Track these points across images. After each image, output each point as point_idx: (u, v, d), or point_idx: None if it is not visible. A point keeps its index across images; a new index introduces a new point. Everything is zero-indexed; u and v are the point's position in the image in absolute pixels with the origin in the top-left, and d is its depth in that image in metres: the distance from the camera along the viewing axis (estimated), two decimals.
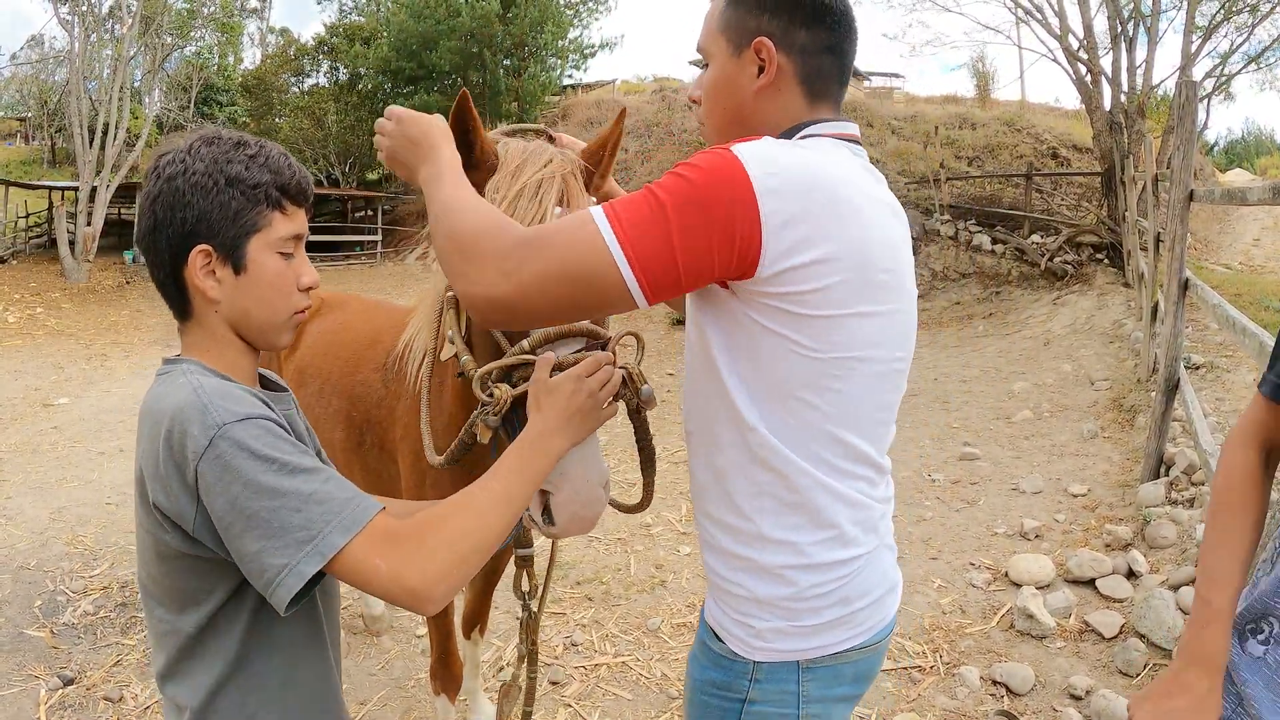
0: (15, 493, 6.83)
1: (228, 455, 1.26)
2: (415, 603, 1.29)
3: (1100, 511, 5.86)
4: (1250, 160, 43.98)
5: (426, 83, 32.45)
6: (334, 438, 3.08)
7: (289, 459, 1.29)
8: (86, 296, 21.88)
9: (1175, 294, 5.82)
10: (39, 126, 46.22)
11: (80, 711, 3.83)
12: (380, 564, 1.27)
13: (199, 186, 1.40)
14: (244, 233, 1.43)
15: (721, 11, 1.51)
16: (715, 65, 1.53)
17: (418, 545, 1.30)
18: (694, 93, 1.61)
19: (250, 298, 1.46)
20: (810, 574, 1.46)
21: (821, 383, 1.38)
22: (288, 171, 1.48)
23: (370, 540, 1.28)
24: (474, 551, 1.34)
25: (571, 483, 1.58)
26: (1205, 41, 16.23)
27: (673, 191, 1.29)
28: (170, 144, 1.48)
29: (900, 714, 3.75)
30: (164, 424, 1.31)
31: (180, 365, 1.44)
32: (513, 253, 1.30)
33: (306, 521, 1.26)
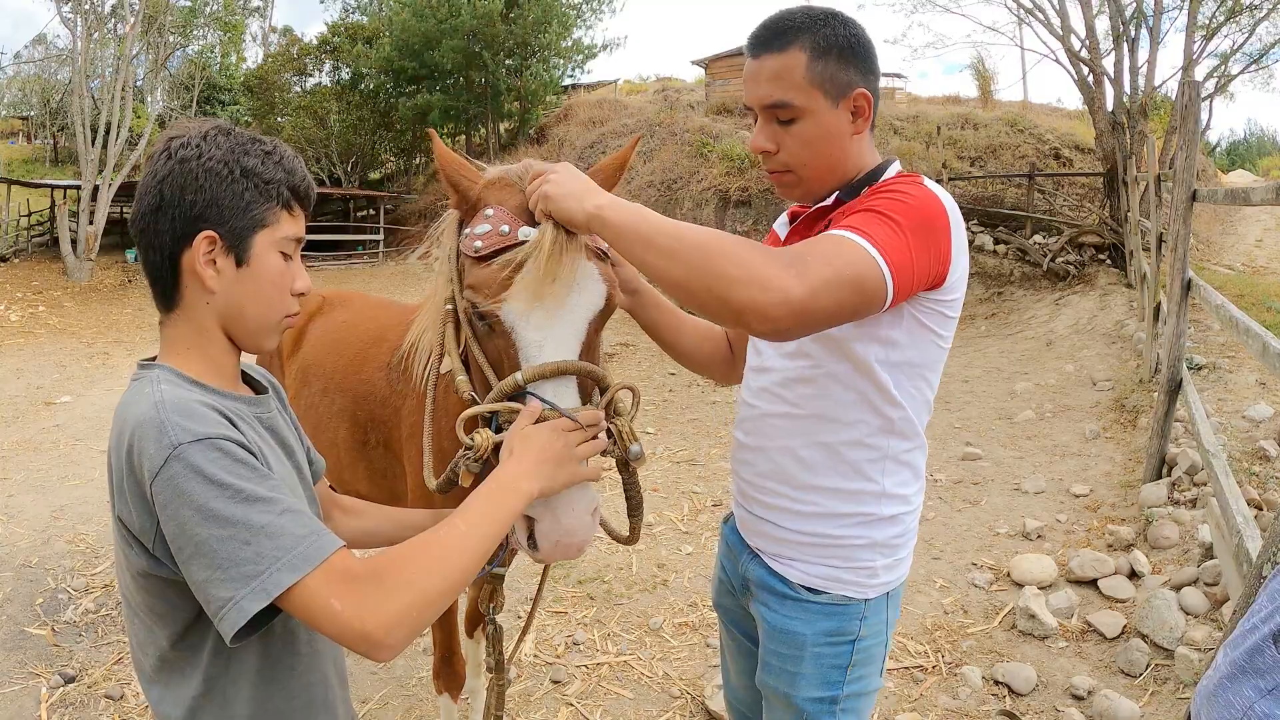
0: (17, 491, 6.83)
1: (180, 478, 1.21)
2: (369, 649, 1.23)
3: (1102, 512, 5.86)
4: (1252, 161, 43.98)
5: (429, 82, 32.48)
6: (338, 436, 3.08)
7: (244, 486, 1.23)
8: (89, 295, 21.89)
9: (1178, 294, 5.81)
10: (41, 125, 46.23)
11: (81, 709, 3.83)
12: (336, 605, 1.21)
13: (213, 172, 1.37)
14: (252, 226, 1.41)
15: (809, 66, 1.65)
16: (813, 119, 1.67)
17: (376, 586, 1.24)
18: (766, 144, 1.72)
19: (248, 293, 1.43)
20: (911, 515, 1.85)
21: (938, 367, 1.77)
22: (299, 174, 1.48)
23: (327, 579, 1.22)
24: (437, 595, 1.29)
25: (555, 511, 1.58)
26: (1208, 42, 16.21)
27: (903, 215, 1.51)
28: (181, 127, 1.44)
29: (902, 714, 3.75)
30: (126, 436, 1.29)
31: (151, 372, 1.40)
32: (795, 263, 1.40)
33: (255, 556, 1.20)
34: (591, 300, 1.71)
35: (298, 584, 1.21)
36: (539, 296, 1.63)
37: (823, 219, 1.74)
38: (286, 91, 36.69)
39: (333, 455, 3.15)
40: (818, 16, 1.67)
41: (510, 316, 1.65)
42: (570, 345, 1.67)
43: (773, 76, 1.67)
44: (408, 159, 37.77)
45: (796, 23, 1.66)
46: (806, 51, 1.65)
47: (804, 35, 1.65)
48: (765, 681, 1.88)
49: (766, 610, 1.87)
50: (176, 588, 1.32)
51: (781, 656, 1.83)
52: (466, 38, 29.79)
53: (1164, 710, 3.64)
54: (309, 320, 3.57)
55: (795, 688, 1.81)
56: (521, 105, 32.70)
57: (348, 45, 34.62)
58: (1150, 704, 3.69)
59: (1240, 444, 5.94)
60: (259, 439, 1.43)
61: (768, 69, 1.68)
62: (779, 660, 1.83)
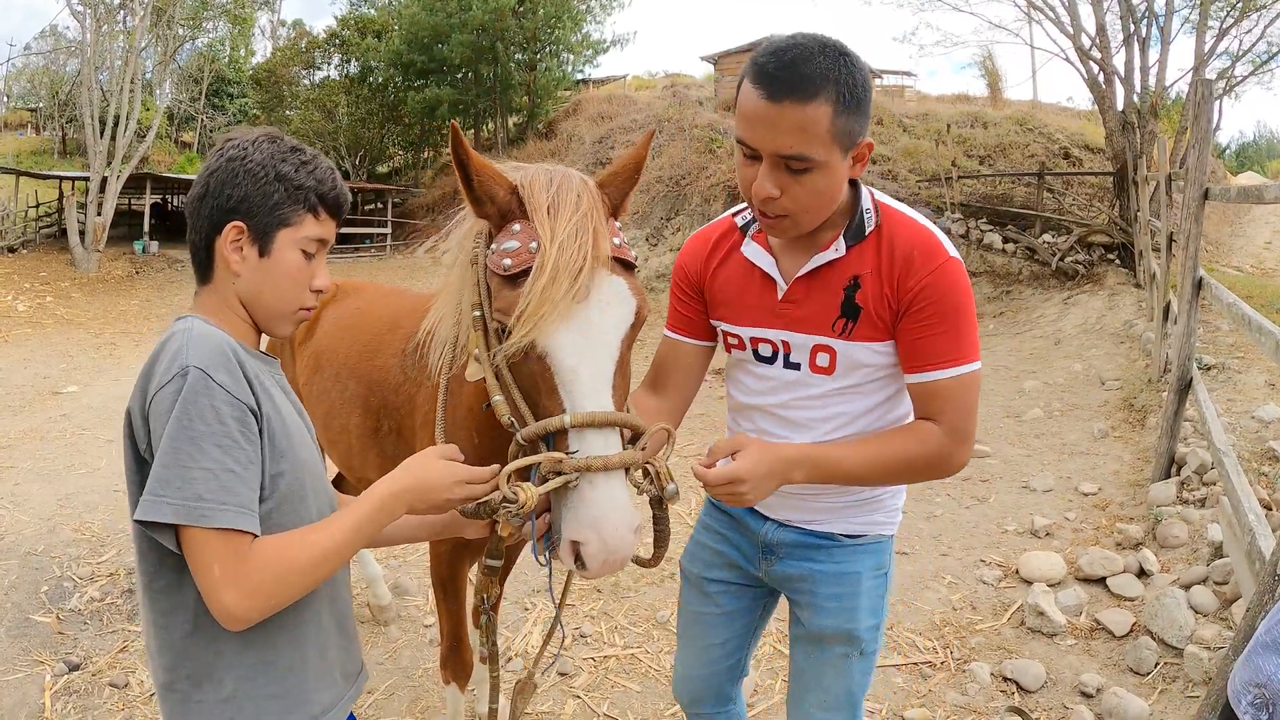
0: (23, 479, 6.84)
1: (178, 392, 1.40)
2: (222, 616, 1.40)
3: (1111, 510, 5.83)
4: (1261, 163, 43.82)
5: (437, 76, 32.49)
6: (350, 423, 3.06)
7: (207, 430, 1.40)
8: (96, 286, 21.94)
9: (1189, 293, 5.78)
10: (50, 117, 46.36)
11: (85, 697, 3.82)
12: (216, 570, 1.38)
13: (251, 173, 1.58)
14: (277, 223, 1.60)
15: (833, 121, 1.64)
16: (826, 171, 1.70)
17: (252, 571, 1.40)
18: (773, 191, 1.72)
19: (267, 280, 1.62)
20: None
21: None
22: (329, 183, 1.65)
23: (220, 545, 1.39)
24: (299, 591, 1.47)
25: (601, 533, 1.60)
26: (1219, 41, 16.13)
27: (972, 310, 1.85)
28: (238, 131, 1.68)
29: (911, 709, 3.73)
30: (153, 353, 1.50)
31: (185, 319, 1.58)
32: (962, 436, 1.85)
33: (182, 483, 1.38)
34: (622, 316, 1.71)
35: (190, 530, 1.39)
36: (570, 320, 1.65)
37: (840, 273, 1.87)
38: (295, 85, 36.79)
39: (344, 442, 3.14)
40: (840, 61, 1.63)
41: (544, 342, 1.66)
42: (606, 370, 1.68)
43: (796, 129, 1.64)
44: (416, 153, 37.83)
45: (823, 70, 1.61)
46: (832, 104, 1.63)
47: (830, 86, 1.62)
48: (822, 624, 2.09)
49: (813, 564, 2.10)
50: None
51: (840, 596, 2.07)
52: (476, 32, 29.79)
53: (1173, 708, 3.62)
54: (322, 307, 3.56)
55: (855, 620, 2.07)
56: (531, 100, 32.71)
57: (357, 39, 34.68)
58: (1159, 702, 3.67)
59: (1249, 444, 5.90)
60: (274, 391, 1.61)
61: (791, 120, 1.63)
62: (838, 601, 2.07)
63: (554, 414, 1.66)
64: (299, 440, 1.62)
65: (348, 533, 1.53)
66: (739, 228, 2.07)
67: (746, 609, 2.31)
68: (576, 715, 3.76)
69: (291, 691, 1.60)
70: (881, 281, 1.83)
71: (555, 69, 33.10)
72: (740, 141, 1.74)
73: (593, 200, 1.76)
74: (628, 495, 1.65)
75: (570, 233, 1.67)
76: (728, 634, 2.32)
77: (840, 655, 2.09)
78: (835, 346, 1.91)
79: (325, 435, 3.25)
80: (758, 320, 2.01)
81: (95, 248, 23.66)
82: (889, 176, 20.00)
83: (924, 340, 1.81)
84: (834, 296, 1.88)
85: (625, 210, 1.89)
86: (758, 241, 2.00)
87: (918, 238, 1.82)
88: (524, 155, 28.94)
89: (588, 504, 1.61)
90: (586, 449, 1.62)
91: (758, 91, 1.65)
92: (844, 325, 1.88)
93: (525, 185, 1.77)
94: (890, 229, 1.85)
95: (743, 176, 1.79)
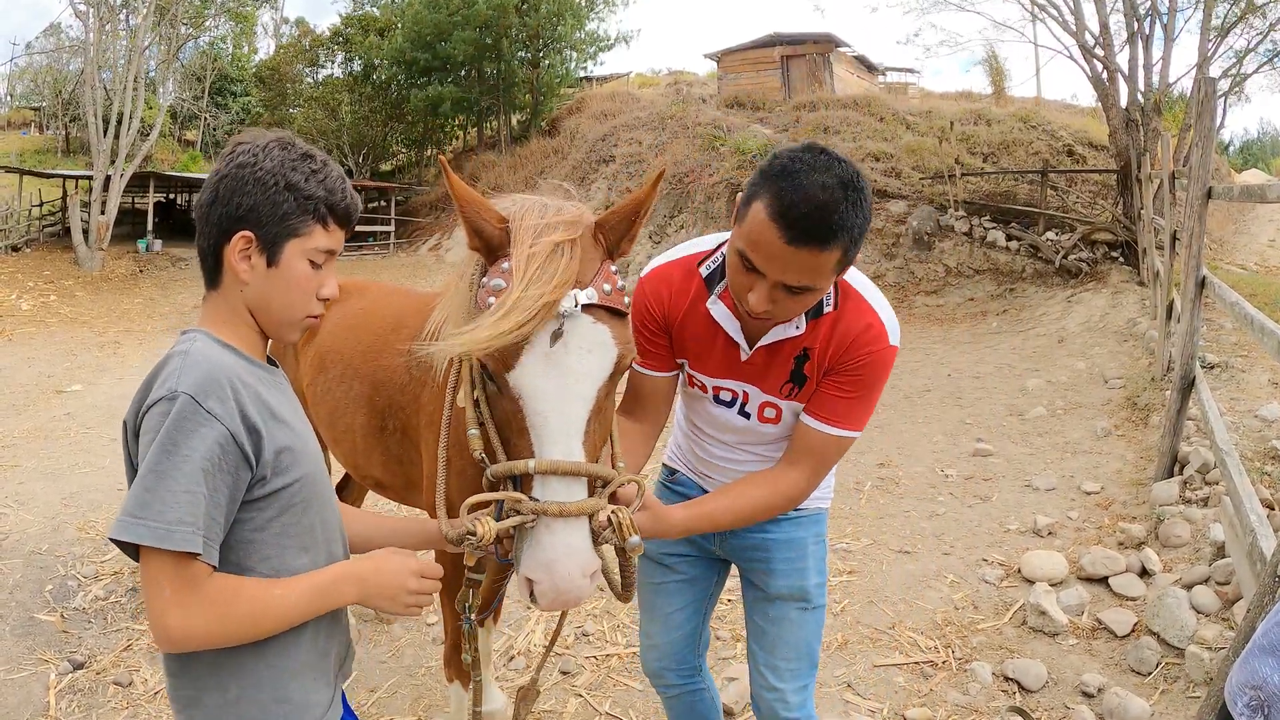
0: (27, 478, 6.86)
1: (165, 414, 1.41)
2: (160, 639, 1.43)
3: (1114, 510, 5.83)
4: (1265, 161, 43.77)
5: (440, 74, 32.47)
6: (355, 423, 3.07)
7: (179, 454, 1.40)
8: (100, 285, 21.98)
9: (1192, 291, 5.77)
10: (53, 116, 46.33)
11: (90, 695, 3.84)
12: (166, 591, 1.40)
13: (261, 181, 1.55)
14: (285, 234, 1.58)
15: (839, 262, 1.79)
16: (819, 293, 1.87)
17: (203, 605, 1.43)
18: (768, 307, 1.85)
19: (275, 289, 1.61)
20: None
21: None
22: (340, 194, 1.63)
23: (174, 569, 1.41)
24: (240, 638, 1.50)
25: (553, 576, 1.63)
26: (1222, 40, 16.10)
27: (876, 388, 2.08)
28: (250, 134, 1.64)
29: (912, 708, 3.74)
30: (147, 378, 1.51)
31: (190, 334, 1.59)
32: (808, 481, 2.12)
33: (147, 502, 1.39)
34: (600, 365, 1.70)
35: (147, 550, 1.40)
36: (547, 365, 1.65)
37: (794, 345, 2.05)
38: (298, 83, 36.80)
39: (349, 441, 3.15)
40: (856, 210, 1.72)
41: (518, 383, 1.67)
42: (578, 417, 1.68)
43: (808, 269, 1.76)
44: (419, 151, 37.83)
45: (841, 222, 1.71)
46: (843, 250, 1.76)
47: (844, 235, 1.73)
48: (779, 585, 2.38)
49: (767, 533, 2.37)
50: None
51: (791, 560, 2.38)
52: (480, 29, 29.77)
53: (1174, 709, 3.62)
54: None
55: (805, 578, 2.38)
56: (534, 97, 32.69)
57: (360, 36, 34.67)
58: (1160, 702, 3.67)
59: (1252, 443, 5.90)
60: (279, 406, 1.62)
61: (804, 262, 1.75)
62: (790, 564, 2.38)
63: (524, 455, 1.68)
64: (304, 452, 1.63)
65: (298, 596, 1.54)
66: (703, 279, 2.13)
67: (703, 575, 2.57)
68: (578, 714, 3.77)
69: (294, 696, 1.61)
70: (826, 354, 2.04)
71: (558, 66, 33.08)
72: (743, 256, 1.81)
73: (582, 243, 1.71)
74: (586, 540, 1.66)
75: (544, 276, 1.64)
76: (688, 598, 2.56)
77: (796, 610, 2.39)
78: (780, 405, 2.16)
79: (330, 434, 3.26)
80: (722, 373, 2.18)
81: (99, 246, 23.70)
82: (892, 174, 19.97)
83: (832, 397, 2.04)
84: (786, 364, 2.08)
85: (626, 251, 1.85)
86: (724, 302, 2.09)
87: (866, 324, 2.01)
88: (527, 153, 28.96)
89: (543, 546, 1.63)
90: (548, 494, 1.64)
91: (776, 230, 1.72)
92: (790, 389, 2.11)
93: (515, 220, 1.74)
94: (846, 312, 2.03)
95: (738, 282, 1.88)
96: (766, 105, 27.07)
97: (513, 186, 13.56)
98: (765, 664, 2.40)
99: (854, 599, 4.74)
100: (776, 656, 2.38)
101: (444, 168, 1.78)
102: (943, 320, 14.80)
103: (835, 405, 2.04)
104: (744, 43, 29.89)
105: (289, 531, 1.59)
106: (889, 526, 5.81)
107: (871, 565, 5.18)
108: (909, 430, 8.31)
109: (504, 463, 1.69)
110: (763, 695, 2.41)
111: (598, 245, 1.77)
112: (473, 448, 1.78)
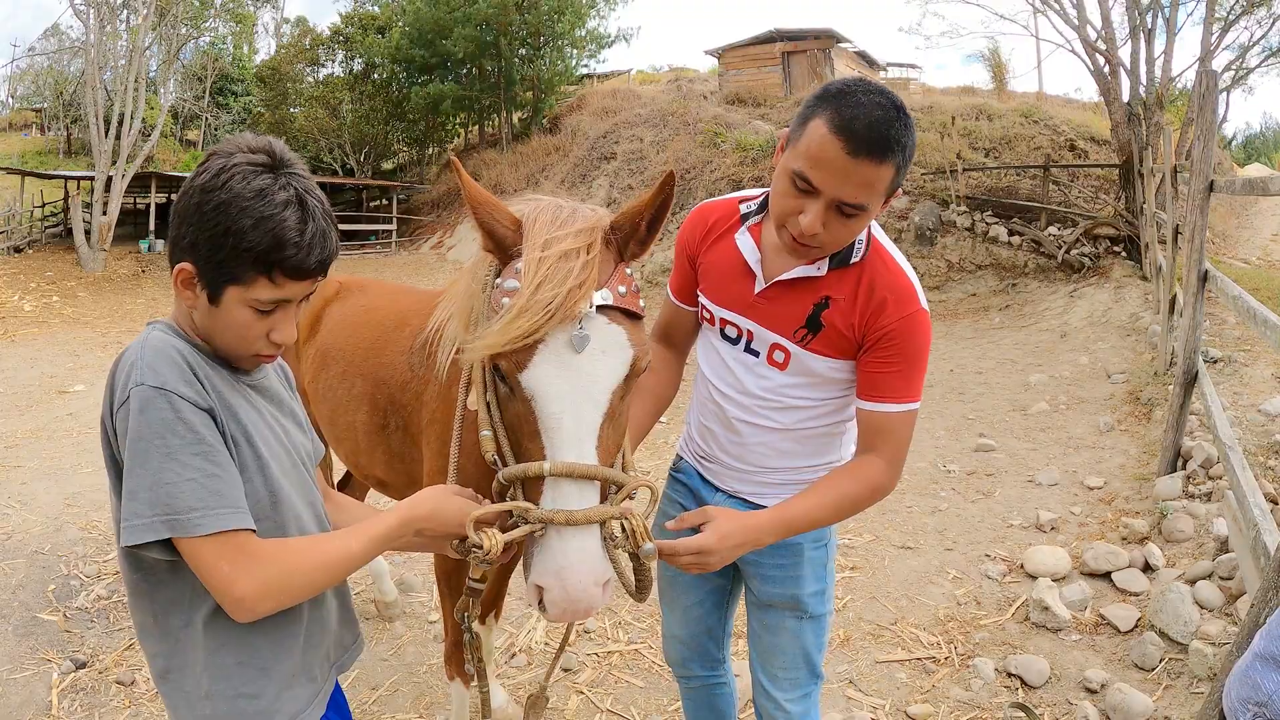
0: (30, 478, 6.86)
1: (131, 414, 1.39)
2: (234, 608, 1.42)
3: (1117, 505, 5.82)
4: (1268, 155, 43.63)
5: (441, 72, 32.48)
6: (356, 420, 3.07)
7: (172, 441, 1.38)
8: (102, 285, 21.99)
9: (1194, 286, 5.75)
10: (55, 117, 46.33)
11: (92, 695, 3.84)
12: (225, 567, 1.39)
13: (206, 217, 1.43)
14: (223, 280, 1.47)
15: (892, 180, 1.80)
16: (869, 216, 1.85)
17: (265, 564, 1.42)
18: (819, 229, 1.82)
19: (216, 326, 1.53)
20: None
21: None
22: (292, 248, 1.46)
23: (220, 547, 1.39)
24: (307, 592, 1.51)
25: (564, 583, 1.60)
26: (1225, 34, 16.05)
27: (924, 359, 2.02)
28: (231, 143, 1.50)
29: (915, 705, 3.73)
30: (111, 372, 1.49)
31: (152, 325, 1.55)
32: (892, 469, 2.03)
33: (152, 501, 1.37)
34: (615, 367, 1.68)
35: (191, 541, 1.38)
36: (560, 366, 1.63)
37: (814, 289, 2.02)
38: (299, 82, 36.76)
39: (351, 439, 3.15)
40: (908, 130, 1.77)
41: (531, 385, 1.64)
42: (591, 420, 1.66)
43: (864, 183, 1.76)
44: (420, 149, 37.84)
45: (897, 136, 1.74)
46: (896, 167, 1.77)
47: (899, 152, 1.75)
48: (770, 592, 2.29)
49: None
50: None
51: (783, 566, 2.26)
52: (480, 26, 29.76)
53: (1177, 704, 3.61)
54: (326, 305, 3.57)
55: (800, 587, 2.26)
56: (535, 94, 32.66)
57: (360, 35, 34.67)
58: (1163, 698, 3.66)
59: (1256, 438, 5.89)
60: (239, 401, 1.56)
61: (863, 175, 1.75)
62: (781, 570, 2.26)
63: (535, 458, 1.66)
64: (263, 461, 1.58)
65: (362, 544, 1.55)
66: (740, 215, 2.16)
67: (720, 571, 2.41)
68: (580, 711, 3.76)
69: (265, 693, 1.59)
70: (853, 312, 1.99)
71: (559, 63, 33.05)
72: (800, 176, 1.79)
73: (597, 245, 1.70)
74: (598, 547, 1.64)
75: (556, 277, 1.63)
76: (702, 593, 2.50)
77: (790, 619, 2.30)
78: (791, 350, 2.08)
79: (331, 432, 3.26)
80: (732, 305, 2.15)
81: (101, 247, 23.71)
82: None
83: (881, 375, 1.99)
84: (802, 308, 2.03)
85: (639, 254, 1.81)
86: (752, 234, 2.11)
87: (896, 283, 1.97)
88: (528, 150, 28.94)
89: (554, 553, 1.61)
90: (559, 500, 1.62)
91: (838, 142, 1.73)
92: (803, 335, 2.04)
93: (529, 222, 1.73)
94: (874, 266, 1.99)
95: (787, 205, 1.85)
96: (768, 101, 27.07)
97: (514, 184, 13.72)
98: (762, 671, 2.38)
99: (856, 595, 4.74)
100: (773, 665, 2.35)
101: (456, 168, 1.78)
102: (945, 315, 14.76)
103: (883, 382, 1.98)
104: (745, 39, 29.88)
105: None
106: (891, 522, 5.80)
107: (874, 561, 5.18)
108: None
109: (516, 466, 1.67)
110: (761, 702, 2.40)
111: (611, 247, 1.76)
112: (484, 449, 1.76)
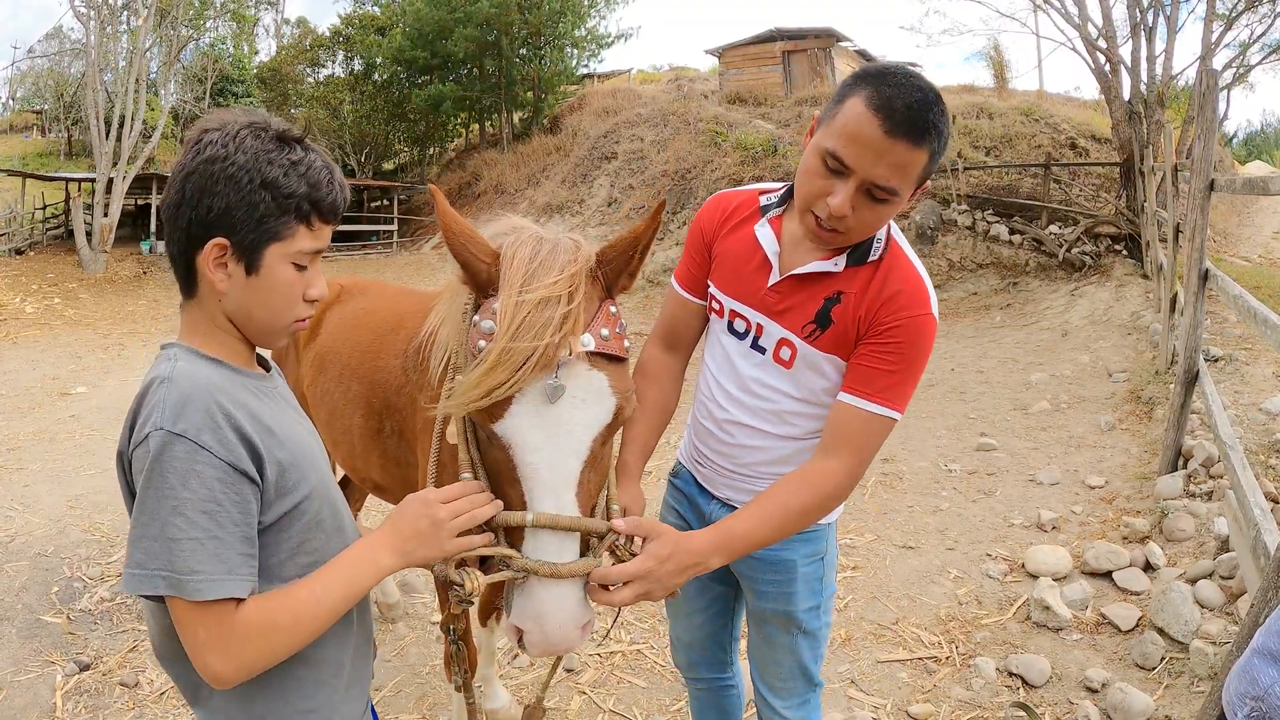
0: (33, 480, 6.87)
1: (148, 456, 1.31)
2: (210, 680, 1.36)
3: (1118, 504, 5.82)
4: (1269, 153, 43.64)
5: (441, 72, 32.47)
6: (353, 424, 3.07)
7: (183, 496, 1.31)
8: (104, 287, 21.99)
9: (1195, 285, 5.76)
10: (56, 119, 46.33)
11: (96, 697, 3.85)
12: (201, 634, 1.33)
13: (233, 179, 1.36)
14: (265, 239, 1.41)
15: (926, 166, 1.76)
16: (898, 203, 1.79)
17: (240, 638, 1.35)
18: (848, 211, 1.77)
19: (256, 299, 1.46)
20: None
21: None
22: (325, 188, 1.45)
23: (202, 614, 1.32)
24: (284, 652, 1.41)
25: (544, 628, 1.60)
26: (1226, 31, 16.04)
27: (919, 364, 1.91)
28: (218, 117, 1.43)
29: (916, 704, 3.74)
30: (137, 400, 1.39)
31: (168, 351, 1.46)
32: (851, 472, 1.91)
33: (151, 553, 1.31)
34: (597, 415, 1.64)
35: (172, 600, 1.33)
36: (537, 417, 1.59)
37: (828, 285, 1.94)
38: (300, 83, 36.78)
39: (347, 443, 3.15)
40: (945, 116, 1.74)
41: (507, 435, 1.61)
42: (571, 470, 1.62)
43: (899, 166, 1.72)
44: (421, 149, 37.82)
45: (935, 120, 1.71)
46: (930, 153, 1.74)
47: (936, 137, 1.72)
48: (763, 607, 2.26)
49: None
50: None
51: (776, 582, 2.21)
52: (481, 26, 29.75)
53: (1178, 704, 3.62)
54: (326, 308, 3.56)
55: (792, 603, 2.21)
56: (535, 94, 32.66)
57: (360, 35, 34.67)
58: (1164, 697, 3.67)
59: (1257, 437, 5.89)
60: (274, 419, 1.48)
61: (898, 157, 1.71)
62: (774, 586, 2.21)
63: (514, 504, 1.64)
64: (310, 462, 1.52)
65: (334, 587, 1.46)
66: (760, 207, 2.11)
67: (720, 579, 2.40)
68: (582, 711, 3.77)
69: (321, 707, 1.55)
70: (861, 305, 1.91)
71: (559, 63, 33.04)
72: (832, 155, 1.75)
73: (580, 291, 1.63)
74: (578, 594, 1.64)
75: (534, 327, 1.56)
76: (706, 600, 2.46)
77: (785, 635, 2.27)
78: (798, 347, 1.99)
79: (329, 436, 3.25)
80: (743, 297, 2.08)
81: (102, 248, 23.69)
82: None
83: (874, 370, 1.89)
84: (814, 303, 1.96)
85: (627, 288, 1.78)
86: (772, 226, 2.04)
87: (910, 284, 1.90)
88: (529, 150, 28.91)
89: (534, 599, 1.61)
90: (539, 550, 1.60)
91: (877, 120, 1.69)
92: (812, 331, 1.97)
93: (506, 259, 1.66)
94: (890, 265, 1.92)
95: (816, 186, 1.81)
96: (768, 101, 27.03)
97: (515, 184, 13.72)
98: (761, 680, 2.37)
99: (857, 595, 4.74)
100: (770, 675, 2.34)
101: (436, 197, 1.74)
102: (946, 314, 14.75)
103: (874, 378, 1.87)
104: (745, 38, 29.83)
105: (319, 551, 1.52)
106: (892, 522, 5.81)
107: (875, 561, 5.18)
108: (912, 425, 8.29)
109: (499, 514, 1.63)
110: (762, 710, 2.40)
111: (596, 284, 1.70)
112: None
